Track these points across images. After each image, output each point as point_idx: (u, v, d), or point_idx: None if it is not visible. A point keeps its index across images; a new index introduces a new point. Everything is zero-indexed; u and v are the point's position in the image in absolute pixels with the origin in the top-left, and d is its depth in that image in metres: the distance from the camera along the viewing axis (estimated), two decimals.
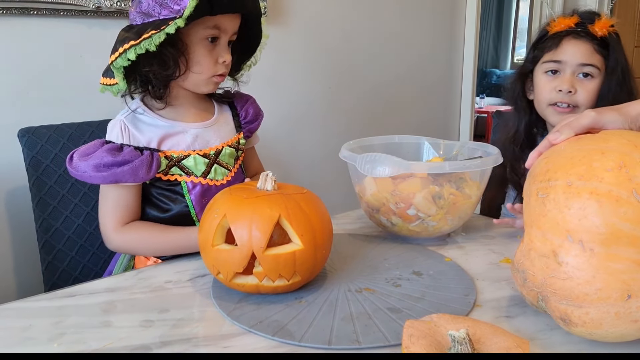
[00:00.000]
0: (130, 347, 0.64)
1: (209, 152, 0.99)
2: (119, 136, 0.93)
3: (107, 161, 0.88)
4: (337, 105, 2.03)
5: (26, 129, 1.11)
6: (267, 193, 0.78)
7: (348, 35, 2.01)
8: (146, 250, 0.95)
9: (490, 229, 1.08)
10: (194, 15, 0.84)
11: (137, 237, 0.93)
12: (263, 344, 0.65)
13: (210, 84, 0.97)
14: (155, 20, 0.87)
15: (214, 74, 0.96)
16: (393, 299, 0.75)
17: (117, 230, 0.93)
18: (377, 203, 0.97)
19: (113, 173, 0.89)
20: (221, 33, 0.94)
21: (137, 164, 0.90)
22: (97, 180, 0.89)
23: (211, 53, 0.94)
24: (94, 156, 0.89)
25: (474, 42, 2.51)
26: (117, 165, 0.89)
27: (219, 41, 0.95)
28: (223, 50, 0.95)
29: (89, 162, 0.88)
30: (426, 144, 1.16)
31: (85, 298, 0.78)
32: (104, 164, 0.88)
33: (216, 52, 0.95)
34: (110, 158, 0.89)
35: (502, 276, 0.84)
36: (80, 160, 0.89)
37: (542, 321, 0.70)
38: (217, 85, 1.00)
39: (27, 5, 1.25)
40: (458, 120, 2.62)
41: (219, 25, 0.93)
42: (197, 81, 0.96)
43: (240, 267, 0.73)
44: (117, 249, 0.96)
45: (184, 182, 0.96)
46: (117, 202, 0.93)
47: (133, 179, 0.90)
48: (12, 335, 0.67)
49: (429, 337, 0.55)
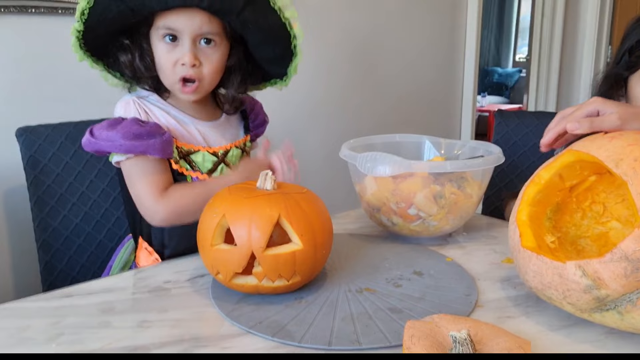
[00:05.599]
0: (128, 348, 0.64)
1: (218, 151, 0.98)
2: (137, 113, 0.90)
3: (136, 130, 0.85)
4: (337, 104, 2.03)
5: (24, 128, 1.11)
6: (266, 192, 0.77)
7: (349, 34, 2.01)
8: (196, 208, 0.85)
9: (492, 228, 1.07)
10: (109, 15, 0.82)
11: (183, 196, 0.89)
12: (262, 344, 0.64)
13: (179, 91, 0.91)
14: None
15: (175, 77, 0.89)
16: (394, 299, 0.75)
17: (162, 196, 0.89)
18: (377, 202, 0.97)
19: (144, 144, 0.85)
20: (177, 32, 0.87)
21: (166, 140, 0.87)
22: (126, 149, 0.85)
23: (169, 53, 0.88)
24: (121, 125, 0.86)
25: (475, 40, 2.50)
26: (146, 135, 0.85)
27: (179, 42, 0.87)
28: (183, 51, 0.87)
29: (118, 131, 0.85)
30: (427, 143, 1.15)
31: (84, 298, 0.77)
32: (133, 133, 0.85)
33: (175, 53, 0.88)
34: (138, 127, 0.86)
35: (503, 276, 0.83)
36: (106, 129, 0.86)
37: (544, 322, 0.69)
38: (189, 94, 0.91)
39: (25, 3, 1.25)
40: (459, 119, 2.62)
41: (168, 25, 0.86)
42: (169, 85, 0.92)
43: (240, 267, 0.72)
44: (166, 219, 0.90)
45: (190, 176, 0.95)
46: (151, 171, 0.89)
47: (162, 153, 0.87)
48: (9, 335, 0.67)
49: (430, 338, 0.54)
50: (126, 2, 0.82)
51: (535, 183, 0.75)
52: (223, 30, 0.91)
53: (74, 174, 1.14)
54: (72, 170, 1.14)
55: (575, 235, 0.77)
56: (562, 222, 0.78)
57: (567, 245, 0.76)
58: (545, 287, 0.66)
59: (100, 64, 0.94)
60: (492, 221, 1.13)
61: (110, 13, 0.83)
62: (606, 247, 0.73)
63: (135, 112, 0.90)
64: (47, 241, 1.12)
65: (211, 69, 0.91)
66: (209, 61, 0.90)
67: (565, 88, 3.35)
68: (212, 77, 0.93)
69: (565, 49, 3.26)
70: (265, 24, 0.90)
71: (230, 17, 0.87)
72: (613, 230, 0.75)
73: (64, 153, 1.13)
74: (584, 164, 0.73)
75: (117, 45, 0.92)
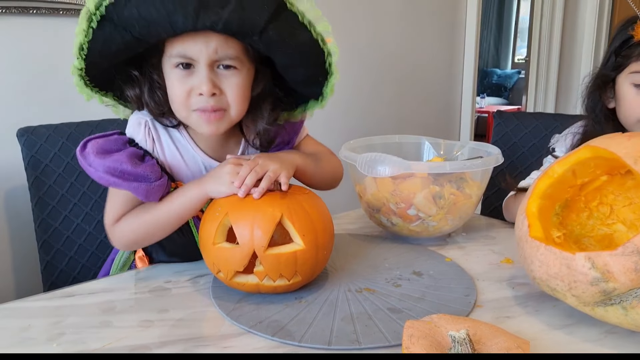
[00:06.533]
0: (129, 347, 0.64)
1: None
2: (144, 140, 0.83)
3: (125, 169, 0.77)
4: (337, 104, 2.03)
5: (25, 129, 1.11)
6: (269, 192, 0.78)
7: (349, 35, 2.01)
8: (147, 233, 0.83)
9: (491, 229, 1.08)
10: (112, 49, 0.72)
11: (132, 219, 0.82)
12: (263, 344, 0.65)
13: (200, 124, 0.80)
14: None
15: (190, 109, 0.79)
16: (393, 299, 0.75)
17: (114, 226, 0.84)
18: (377, 203, 0.97)
19: (126, 184, 0.78)
20: (192, 60, 0.76)
21: (155, 187, 0.79)
22: (104, 183, 0.79)
23: (183, 82, 0.78)
24: (112, 158, 0.78)
25: (474, 41, 2.51)
26: (133, 178, 0.78)
27: (195, 69, 0.77)
28: (199, 79, 0.77)
29: (105, 162, 0.77)
30: (426, 144, 1.15)
31: (85, 298, 0.77)
32: (120, 170, 0.77)
33: (190, 81, 0.78)
34: (129, 167, 0.78)
35: (502, 276, 0.84)
36: (95, 155, 0.78)
37: (543, 321, 0.70)
38: (211, 125, 0.80)
39: (26, 4, 1.25)
40: (459, 120, 2.62)
41: (181, 52, 0.76)
42: (183, 119, 0.82)
43: (241, 266, 0.73)
44: (119, 243, 0.85)
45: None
46: (124, 203, 0.84)
47: (145, 198, 0.80)
48: (10, 335, 0.67)
49: (429, 338, 0.55)
50: (131, 31, 0.72)
51: (549, 176, 0.75)
52: (245, 54, 0.79)
53: (75, 174, 1.14)
54: (73, 171, 1.14)
55: (579, 234, 0.77)
56: (568, 219, 0.78)
57: (571, 242, 0.76)
58: (551, 278, 0.66)
59: (110, 95, 0.85)
60: (492, 222, 1.13)
61: (114, 45, 0.73)
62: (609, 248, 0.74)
63: (142, 139, 0.83)
64: (48, 241, 1.12)
65: (235, 94, 0.79)
66: (231, 87, 0.79)
67: (563, 89, 3.35)
68: (238, 106, 0.81)
69: (564, 50, 3.26)
70: (293, 43, 0.76)
71: (252, 38, 0.74)
72: (617, 232, 0.75)
73: (65, 154, 1.13)
74: (599, 162, 0.73)
75: (124, 77, 0.82)
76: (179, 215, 0.82)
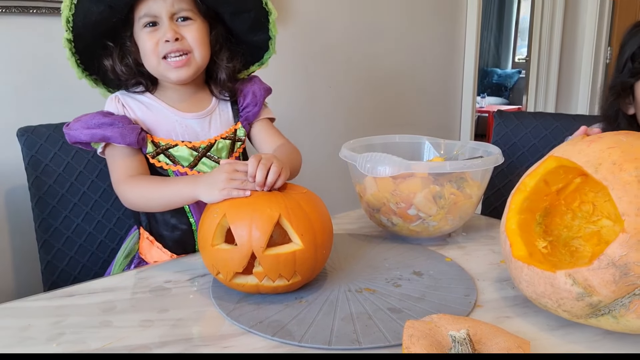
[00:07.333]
0: (129, 347, 0.64)
1: (199, 146, 0.98)
2: (116, 110, 0.97)
3: (97, 121, 0.92)
4: (337, 104, 2.03)
5: (25, 128, 1.11)
6: (267, 192, 0.78)
7: (348, 34, 2.01)
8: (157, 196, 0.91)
9: (491, 229, 1.08)
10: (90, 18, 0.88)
11: (134, 184, 0.92)
12: (263, 344, 0.65)
13: (169, 70, 0.94)
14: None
15: (160, 56, 0.93)
16: (393, 299, 0.75)
17: (125, 182, 0.93)
18: (377, 203, 0.97)
19: (102, 131, 0.91)
20: (156, 17, 0.92)
21: (128, 129, 0.92)
22: (87, 137, 0.91)
23: (151, 37, 0.93)
24: (88, 116, 0.93)
25: (475, 41, 2.51)
26: (106, 124, 0.92)
27: (159, 25, 0.93)
28: (163, 29, 0.92)
29: (82, 120, 0.92)
30: (427, 144, 1.15)
31: (85, 298, 0.77)
32: (94, 123, 0.92)
33: (157, 35, 0.93)
34: (100, 118, 0.92)
35: (503, 276, 0.84)
36: (74, 121, 0.93)
37: (543, 322, 0.70)
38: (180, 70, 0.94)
39: (26, 4, 1.25)
40: (459, 119, 2.62)
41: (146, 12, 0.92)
42: (154, 70, 0.95)
43: (240, 267, 0.73)
44: (129, 201, 0.93)
45: (171, 170, 0.97)
46: (119, 157, 0.94)
47: (121, 140, 0.91)
48: (11, 335, 0.67)
49: (429, 338, 0.55)
50: (104, 1, 0.88)
51: (521, 191, 0.75)
52: (196, 7, 0.95)
53: (75, 174, 1.14)
54: (73, 171, 1.14)
55: (567, 236, 0.77)
56: (553, 225, 0.78)
57: (560, 247, 0.76)
58: (539, 296, 0.67)
59: (100, 84, 1.01)
60: (492, 221, 1.13)
61: (92, 15, 0.89)
62: (599, 245, 0.74)
63: (113, 108, 0.97)
64: (49, 241, 1.12)
65: (194, 37, 0.94)
66: (190, 32, 0.94)
67: (564, 89, 3.35)
68: (199, 47, 0.95)
69: (564, 50, 3.26)
70: None
71: None
72: (605, 228, 0.75)
73: (65, 153, 1.13)
74: (567, 169, 0.73)
75: (105, 53, 0.97)
76: (168, 201, 0.90)
